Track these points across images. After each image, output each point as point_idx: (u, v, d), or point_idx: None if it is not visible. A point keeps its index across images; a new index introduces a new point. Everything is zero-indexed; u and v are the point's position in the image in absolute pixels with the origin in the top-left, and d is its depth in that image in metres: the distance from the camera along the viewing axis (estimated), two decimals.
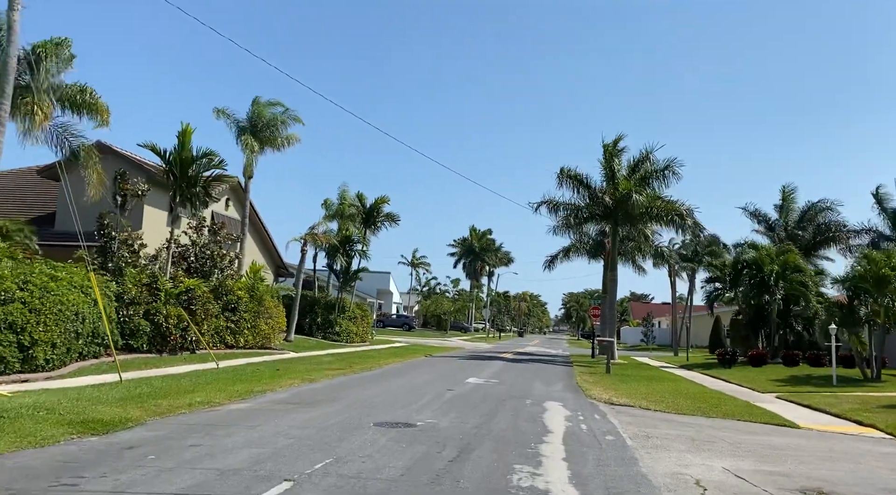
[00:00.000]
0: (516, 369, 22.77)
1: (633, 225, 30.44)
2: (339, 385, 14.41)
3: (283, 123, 24.95)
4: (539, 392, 15.15)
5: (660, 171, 28.77)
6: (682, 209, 28.41)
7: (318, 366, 19.14)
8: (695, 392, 16.50)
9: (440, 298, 69.26)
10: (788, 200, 40.10)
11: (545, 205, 30.32)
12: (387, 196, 34.41)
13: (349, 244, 33.21)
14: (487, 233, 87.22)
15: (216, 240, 21.73)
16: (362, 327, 34.84)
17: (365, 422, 9.10)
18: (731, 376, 21.70)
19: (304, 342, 28.40)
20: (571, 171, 29.74)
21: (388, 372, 18.85)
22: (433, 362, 24.23)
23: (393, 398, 12.29)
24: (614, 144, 29.34)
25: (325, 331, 32.22)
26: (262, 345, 22.89)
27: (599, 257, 38.18)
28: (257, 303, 22.54)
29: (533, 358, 31.81)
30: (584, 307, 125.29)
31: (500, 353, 34.42)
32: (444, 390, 14.10)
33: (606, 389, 16.29)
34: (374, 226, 34.63)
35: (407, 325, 65.25)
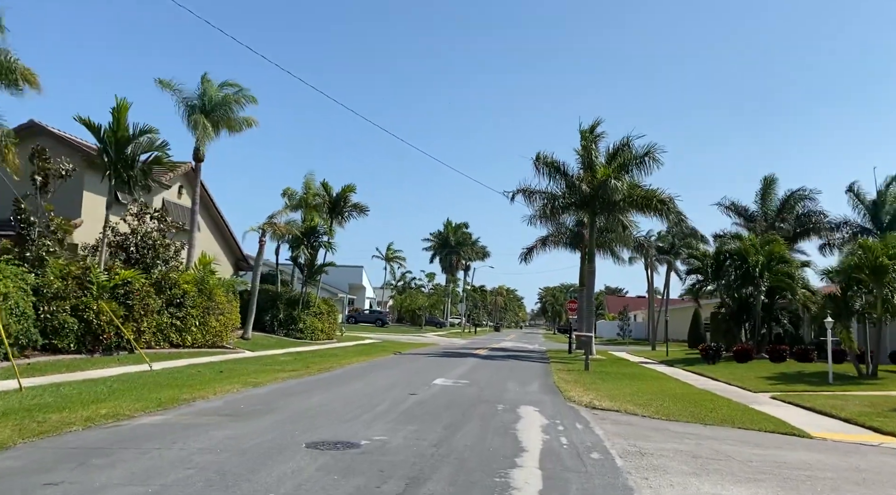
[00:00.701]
0: (490, 367, 21.19)
1: (612, 214, 28.99)
2: (286, 390, 12.66)
3: (238, 103, 22.96)
4: (513, 394, 13.56)
5: (640, 158, 27.36)
6: (663, 196, 27.03)
7: (271, 366, 17.37)
8: (683, 392, 15.04)
9: (415, 293, 67.58)
10: (770, 189, 39.14)
11: (521, 193, 28.76)
12: (353, 184, 32.65)
13: (314, 235, 31.34)
14: (463, 227, 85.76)
15: (160, 229, 19.76)
16: (329, 323, 33.02)
17: (297, 442, 7.40)
18: (717, 373, 20.35)
19: (264, 340, 26.53)
20: (548, 158, 28.20)
21: (348, 373, 17.13)
22: (401, 361, 22.55)
23: (343, 407, 10.58)
24: (591, 130, 27.87)
25: (287, 328, 30.35)
26: (212, 344, 21.02)
27: (578, 249, 36.80)
28: (207, 298, 20.65)
29: (508, 354, 30.29)
30: (560, 301, 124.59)
31: (474, 349, 32.86)
32: (406, 395, 12.43)
33: (587, 390, 14.77)
34: (341, 216, 32.80)
35: (380, 321, 63.43)
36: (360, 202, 33.19)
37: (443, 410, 10.64)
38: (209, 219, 30.78)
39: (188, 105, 22.33)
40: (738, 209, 40.29)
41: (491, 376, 17.76)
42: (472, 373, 18.23)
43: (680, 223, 27.96)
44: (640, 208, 27.65)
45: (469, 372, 18.46)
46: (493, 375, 18.13)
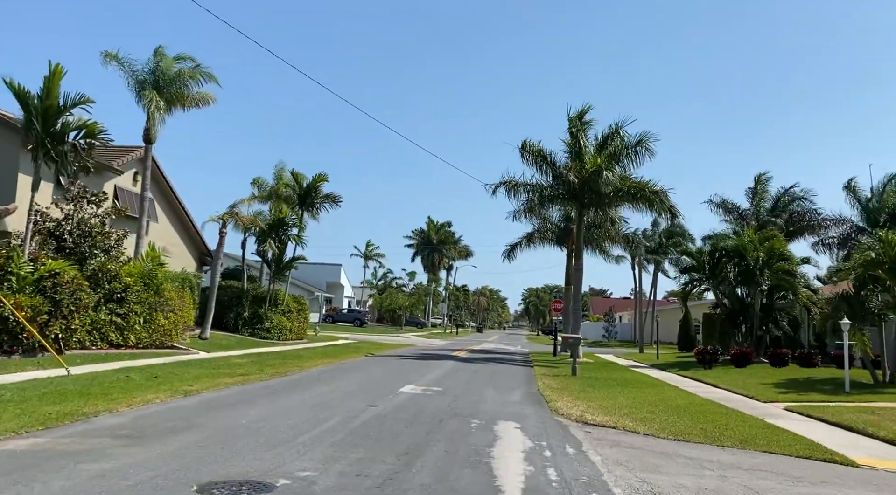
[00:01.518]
0: (468, 371, 19.27)
1: (602, 207, 27.22)
2: (221, 400, 10.63)
3: (194, 79, 20.81)
4: (491, 405, 11.63)
5: (632, 147, 25.57)
6: (655, 187, 25.26)
7: (219, 370, 15.32)
8: (686, 403, 13.20)
9: (395, 292, 65.55)
10: (762, 185, 37.63)
11: (504, 185, 26.84)
12: (325, 173, 30.51)
13: (282, 228, 29.21)
14: (446, 226, 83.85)
15: (101, 216, 17.59)
16: (299, 323, 30.92)
17: (188, 482, 5.41)
18: (717, 379, 18.58)
19: (223, 340, 24.38)
20: (534, 146, 26.33)
21: (306, 378, 15.12)
22: (370, 363, 20.56)
23: (281, 423, 8.59)
24: (580, 116, 26.03)
25: (253, 328, 28.20)
26: (161, 344, 18.89)
27: (564, 246, 35.01)
28: (154, 293, 18.51)
29: (489, 356, 28.40)
30: (544, 302, 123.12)
31: (453, 351, 30.93)
32: (364, 406, 10.47)
33: (576, 400, 12.89)
34: (312, 207, 30.68)
35: (359, 321, 61.33)
36: (333, 192, 31.10)
37: (403, 428, 8.69)
38: (169, 209, 28.57)
39: (138, 80, 20.16)
40: (728, 206, 38.72)
41: (468, 382, 15.82)
42: (447, 379, 16.29)
43: (673, 216, 26.22)
44: (631, 200, 25.85)
45: (444, 378, 16.51)
46: (471, 381, 16.19)
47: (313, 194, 30.34)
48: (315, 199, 30.43)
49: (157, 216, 27.15)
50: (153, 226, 27.19)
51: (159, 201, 27.79)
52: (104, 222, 17.45)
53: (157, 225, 27.43)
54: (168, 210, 28.51)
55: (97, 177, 23.46)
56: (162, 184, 27.67)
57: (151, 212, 26.79)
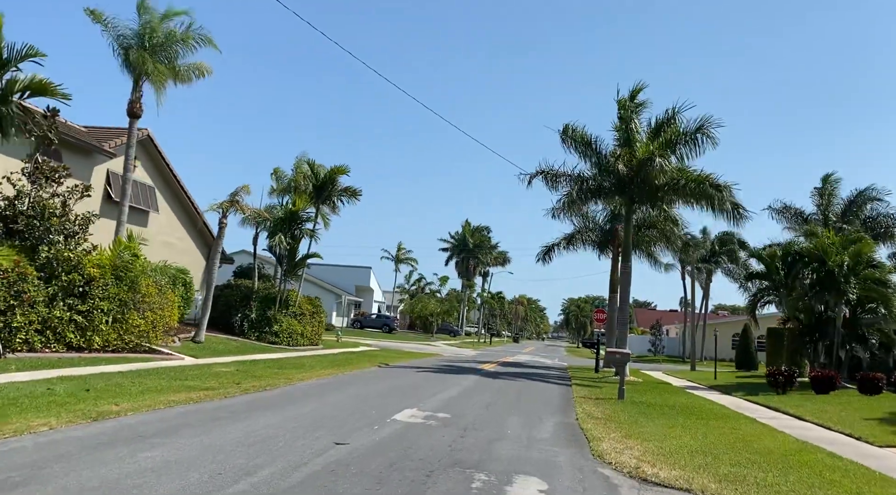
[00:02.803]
0: (491, 389, 16.09)
1: (653, 203, 23.71)
2: (130, 430, 7.71)
3: (186, 43, 18.17)
4: (511, 446, 8.47)
5: (690, 134, 22.06)
6: (718, 181, 21.68)
7: (183, 383, 12.49)
8: (779, 447, 9.76)
9: (426, 298, 62.57)
10: (830, 186, 33.51)
11: (541, 175, 23.59)
12: (345, 166, 27.72)
13: (295, 222, 26.55)
14: (483, 230, 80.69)
15: (61, 194, 15.02)
16: (313, 326, 28.18)
17: None
18: (798, 409, 14.98)
19: (221, 344, 21.71)
20: (577, 131, 23.06)
21: (283, 396, 12.16)
22: (376, 377, 17.54)
23: (172, 482, 5.61)
24: (632, 96, 22.64)
25: (260, 331, 25.53)
26: (135, 348, 16.23)
27: (609, 249, 31.48)
28: (127, 288, 15.88)
29: (521, 370, 25.11)
30: (584, 312, 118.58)
31: (481, 363, 27.74)
32: (327, 446, 7.44)
33: (627, 437, 9.65)
34: (329, 200, 27.93)
35: (387, 327, 58.53)
36: (353, 185, 28.27)
37: (364, 491, 5.61)
38: (173, 200, 26.16)
39: (123, 46, 17.65)
40: (791, 212, 34.71)
41: (487, 406, 12.64)
42: (462, 400, 13.14)
43: (738, 217, 22.53)
44: (688, 196, 22.27)
45: (458, 399, 13.37)
46: (492, 405, 13.01)
47: (330, 186, 27.58)
48: (332, 192, 27.67)
49: (157, 206, 24.74)
50: (154, 218, 24.83)
51: (163, 191, 25.40)
52: (66, 203, 14.85)
53: (159, 216, 25.05)
54: (172, 201, 26.10)
55: (85, 160, 21.16)
56: (165, 173, 25.28)
57: (151, 202, 24.43)
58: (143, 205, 23.86)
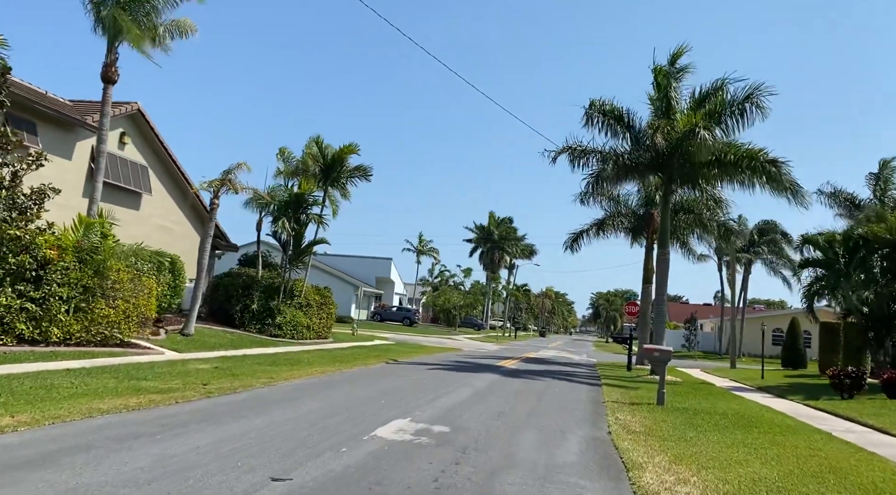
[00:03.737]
0: (507, 392, 13.83)
1: (694, 182, 21.15)
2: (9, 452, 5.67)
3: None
4: (520, 476, 6.25)
5: (738, 104, 19.46)
6: (770, 156, 19.06)
7: (139, 383, 10.53)
8: (883, 480, 7.35)
9: (448, 290, 60.43)
10: (888, 172, 30.54)
11: (568, 152, 21.17)
12: (355, 144, 25.60)
13: (301, 206, 24.53)
14: (508, 221, 78.33)
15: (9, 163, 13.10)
16: (320, 319, 26.17)
17: None
18: (882, 420, 12.45)
19: (214, 337, 19.80)
20: (606, 104, 20.61)
21: (252, 401, 10.08)
22: (376, 376, 15.38)
23: None
24: (673, 61, 20.12)
25: (262, 323, 23.60)
26: (104, 340, 14.32)
27: (640, 237, 28.94)
28: (93, 273, 13.96)
29: (545, 368, 22.78)
30: (614, 306, 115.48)
31: (502, 359, 25.49)
32: (257, 484, 5.28)
33: (677, 461, 7.38)
34: (337, 182, 25.86)
35: (408, 320, 56.54)
36: (364, 164, 26.14)
37: None
38: (170, 182, 24.33)
39: (94, 1, 15.71)
40: (842, 197, 31.74)
41: (499, 416, 10.39)
42: (469, 407, 10.91)
43: (795, 196, 19.83)
44: (737, 173, 19.64)
45: (465, 405, 11.15)
46: (505, 413, 10.76)
47: (339, 167, 25.51)
48: (341, 173, 25.59)
49: (150, 187, 22.90)
50: (147, 201, 23.03)
51: (157, 172, 23.57)
52: (17, 174, 12.93)
53: (153, 199, 23.23)
54: (168, 182, 24.26)
55: (66, 135, 19.37)
56: (159, 151, 23.44)
57: (143, 183, 22.61)
58: (134, 185, 22.05)
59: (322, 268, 52.96)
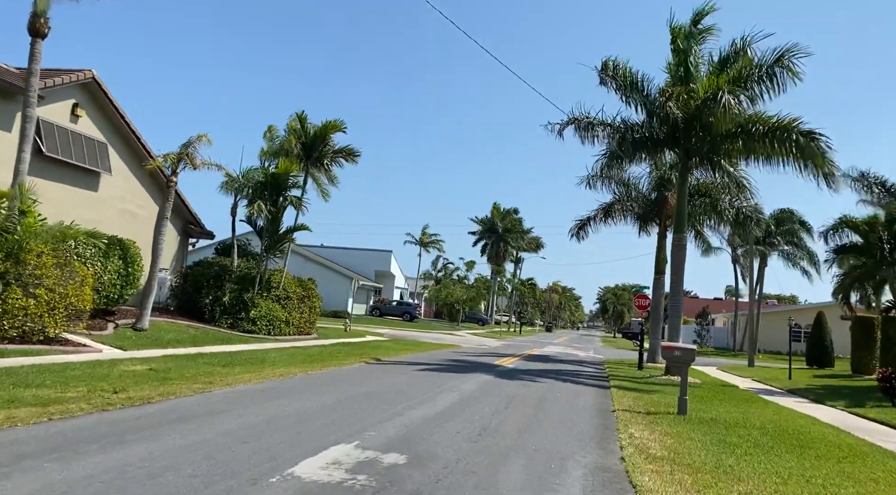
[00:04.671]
0: (498, 398, 11.54)
1: (714, 158, 18.76)
2: None
3: None
4: None
5: (767, 68, 17.05)
6: (806, 128, 16.63)
7: (30, 389, 8.41)
8: None
9: (451, 284, 58.15)
10: None
11: (574, 124, 18.83)
12: (341, 121, 23.34)
13: (279, 188, 22.29)
14: (513, 213, 75.96)
15: None
16: (301, 313, 23.95)
17: None
18: None
19: (171, 332, 17.59)
20: (619, 66, 18.23)
21: (154, 417, 7.84)
22: (347, 379, 13.11)
23: None
24: (695, 21, 17.73)
25: (234, 317, 21.40)
26: (26, 337, 12.14)
27: (651, 224, 26.55)
28: (4, 257, 11.76)
29: (547, 367, 20.48)
30: (622, 300, 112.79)
31: (500, 357, 23.21)
32: None
33: None
34: (320, 163, 23.61)
35: (408, 315, 54.31)
36: (351, 146, 23.89)
37: None
38: (132, 158, 22.03)
39: None
40: (870, 181, 29.24)
41: (479, 434, 8.10)
42: (445, 422, 8.63)
43: (828, 177, 17.40)
44: (764, 148, 17.21)
45: (441, 418, 8.87)
46: (486, 431, 8.46)
47: (322, 146, 23.24)
48: (324, 153, 23.32)
49: (109, 166, 20.65)
50: (107, 182, 20.76)
51: (120, 151, 21.30)
52: None
53: (114, 180, 20.94)
54: (134, 163, 21.95)
55: (7, 104, 17.14)
56: (121, 128, 21.14)
57: (101, 161, 20.35)
58: (90, 164, 19.79)
59: (316, 259, 50.81)
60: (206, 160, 17.69)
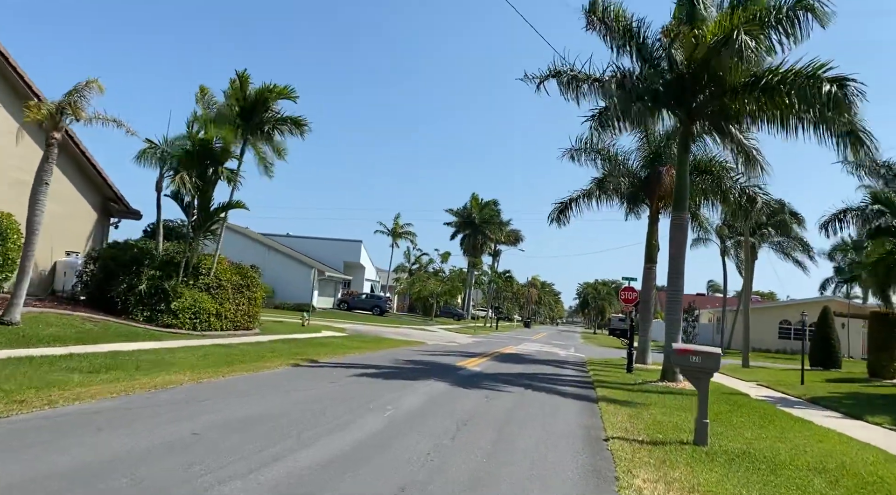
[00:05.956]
0: (448, 419, 8.37)
1: (723, 121, 15.69)
2: None
3: None
4: None
5: (788, 8, 14.01)
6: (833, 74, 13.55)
7: None
8: None
9: (424, 277, 54.94)
10: None
11: (555, 77, 15.67)
12: (289, 87, 19.97)
13: (210, 158, 18.89)
14: (492, 204, 72.90)
15: None
16: (238, 304, 20.54)
17: None
18: None
19: (53, 327, 14.15)
20: (611, 7, 15.10)
21: None
22: (257, 390, 9.79)
23: None
24: None
25: (153, 309, 17.98)
26: None
27: (643, 204, 23.56)
28: None
29: (520, 369, 17.37)
30: (602, 295, 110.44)
31: (468, 357, 20.08)
32: None
33: None
34: (260, 131, 20.23)
35: (378, 308, 50.99)
36: (299, 116, 20.50)
37: None
38: None
39: None
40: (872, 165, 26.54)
41: (396, 493, 4.90)
42: (348, 469, 5.42)
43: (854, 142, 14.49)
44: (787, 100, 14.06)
45: (346, 461, 5.66)
46: (410, 485, 5.26)
47: (262, 111, 19.86)
48: (264, 118, 19.95)
49: None
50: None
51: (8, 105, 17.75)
52: None
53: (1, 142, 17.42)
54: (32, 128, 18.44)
55: None
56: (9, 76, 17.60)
57: None
58: None
59: (280, 249, 47.33)
60: (100, 113, 14.22)
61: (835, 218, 26.50)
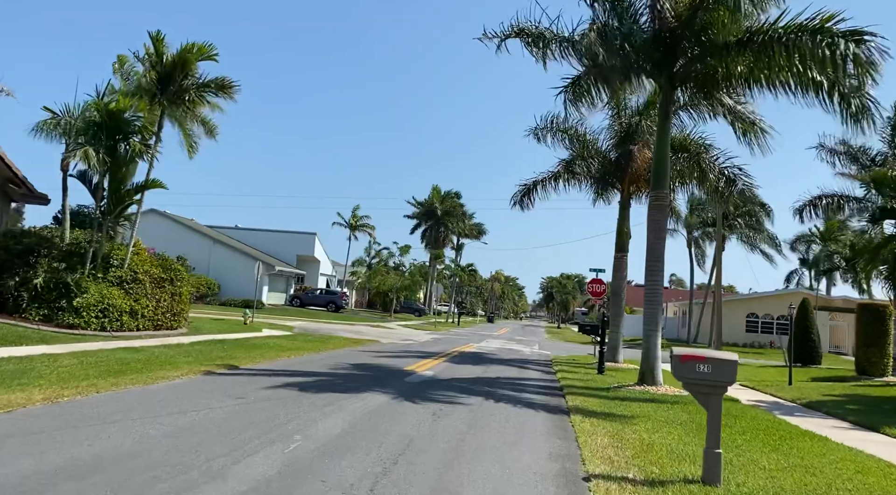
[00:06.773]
0: (371, 455, 6.17)
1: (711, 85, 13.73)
2: None
3: None
4: None
5: None
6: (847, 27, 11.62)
7: None
8: None
9: (383, 271, 52.61)
10: None
11: (517, 36, 13.51)
12: (210, 45, 17.41)
13: (120, 131, 16.25)
14: (454, 196, 70.83)
15: None
16: (160, 301, 17.96)
17: None
18: None
19: None
20: None
21: None
22: (145, 409, 7.39)
23: None
24: None
25: (51, 307, 15.32)
26: None
27: (613, 188, 21.65)
28: None
29: (479, 372, 15.24)
30: (567, 289, 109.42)
31: (422, 357, 17.88)
32: None
33: None
34: (180, 98, 17.62)
35: (333, 305, 48.44)
36: (225, 76, 17.92)
37: None
38: None
39: None
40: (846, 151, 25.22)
41: None
42: None
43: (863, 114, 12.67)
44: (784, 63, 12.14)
45: None
46: None
47: (182, 77, 17.26)
48: (184, 85, 17.35)
49: None
50: None
51: None
52: None
53: None
54: None
55: None
56: None
57: None
58: None
59: (227, 242, 44.42)
60: None
61: (810, 203, 25.10)
